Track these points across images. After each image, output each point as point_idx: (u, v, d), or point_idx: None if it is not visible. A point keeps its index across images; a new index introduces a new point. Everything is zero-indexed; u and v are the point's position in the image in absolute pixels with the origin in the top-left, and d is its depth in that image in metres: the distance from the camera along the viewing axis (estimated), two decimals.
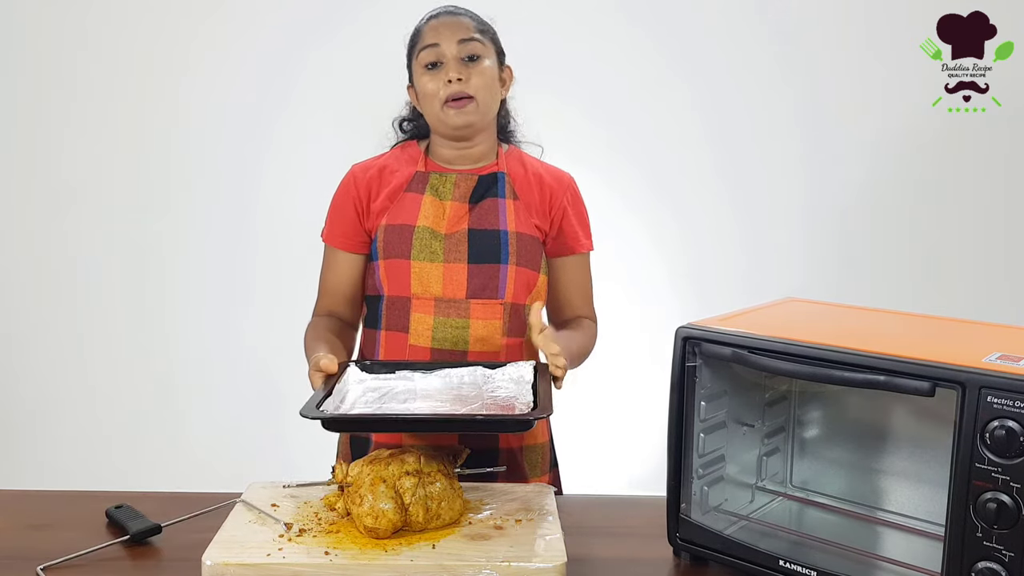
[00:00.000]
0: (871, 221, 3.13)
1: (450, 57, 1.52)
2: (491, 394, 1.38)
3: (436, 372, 1.44)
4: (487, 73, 1.54)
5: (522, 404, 1.32)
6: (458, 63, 1.52)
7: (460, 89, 1.51)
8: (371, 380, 1.43)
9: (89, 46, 3.01)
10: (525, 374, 1.42)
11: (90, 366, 3.17)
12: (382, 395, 1.38)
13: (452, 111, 1.52)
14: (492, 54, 1.56)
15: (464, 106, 1.52)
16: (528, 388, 1.37)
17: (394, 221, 1.56)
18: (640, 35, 3.04)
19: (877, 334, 1.19)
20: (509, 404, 1.34)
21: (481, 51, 1.53)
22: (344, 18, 2.99)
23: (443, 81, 1.51)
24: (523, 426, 1.27)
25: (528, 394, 1.34)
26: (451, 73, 1.51)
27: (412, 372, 1.44)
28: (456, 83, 1.50)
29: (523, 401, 1.33)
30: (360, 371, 1.43)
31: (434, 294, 1.53)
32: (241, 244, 3.11)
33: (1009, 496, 0.96)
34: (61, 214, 3.10)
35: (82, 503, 1.39)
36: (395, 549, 1.16)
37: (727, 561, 1.20)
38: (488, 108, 1.56)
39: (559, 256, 1.63)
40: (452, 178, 1.58)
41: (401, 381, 1.43)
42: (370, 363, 1.47)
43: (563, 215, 1.61)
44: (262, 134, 3.06)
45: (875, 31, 3.03)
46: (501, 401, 1.35)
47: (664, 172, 3.11)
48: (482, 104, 1.53)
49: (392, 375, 1.44)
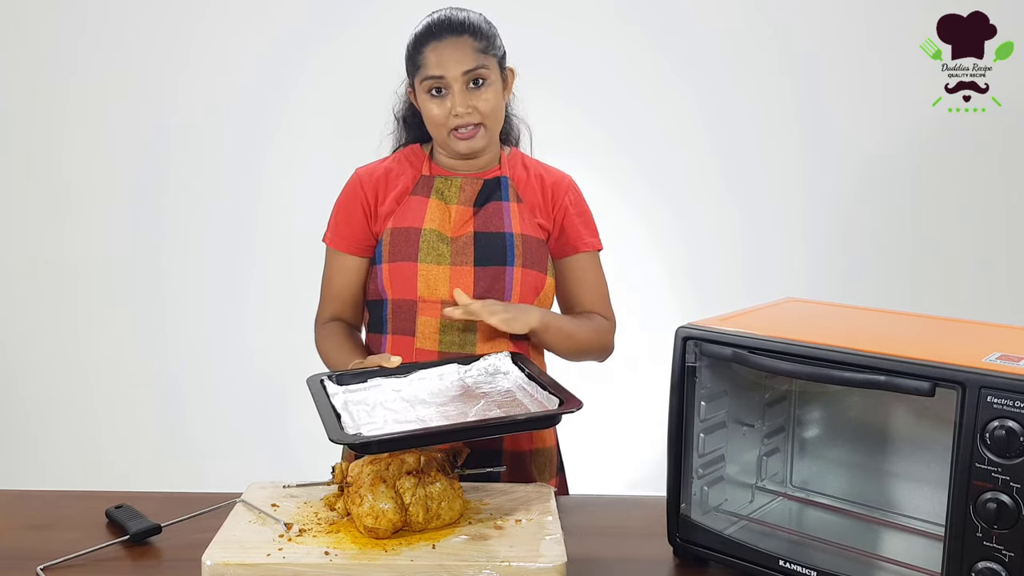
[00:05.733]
0: (871, 221, 3.13)
1: (456, 90, 1.49)
2: (479, 390, 1.38)
3: (409, 376, 1.40)
4: (493, 97, 1.51)
5: (528, 397, 1.32)
6: (464, 93, 1.49)
7: (467, 121, 1.50)
8: (344, 393, 1.35)
9: (88, 47, 3.01)
10: (501, 365, 1.42)
11: (90, 366, 3.17)
12: (372, 407, 1.32)
13: (460, 140, 1.52)
14: (496, 70, 1.53)
15: (472, 135, 1.51)
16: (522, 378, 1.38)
17: (400, 224, 1.55)
18: (641, 35, 3.04)
19: (877, 334, 1.19)
20: (513, 399, 1.34)
21: (486, 74, 1.50)
22: (344, 19, 2.98)
23: (450, 112, 1.50)
24: (553, 422, 1.28)
25: (533, 387, 1.34)
26: (458, 108, 1.49)
27: (384, 379, 1.39)
28: (464, 117, 1.49)
29: (529, 393, 1.33)
30: (334, 384, 1.37)
31: (441, 297, 1.52)
32: (241, 245, 3.11)
33: (1009, 496, 0.96)
34: (61, 214, 3.10)
35: (82, 503, 1.39)
36: (395, 549, 1.16)
37: (727, 561, 1.20)
38: (495, 128, 1.56)
39: (565, 256, 1.63)
40: (457, 182, 1.57)
41: (379, 391, 1.37)
42: (339, 374, 1.39)
43: (565, 215, 1.61)
44: (262, 135, 3.06)
45: (875, 31, 3.03)
46: (502, 396, 1.35)
47: (664, 172, 3.11)
48: (490, 128, 1.53)
49: (365, 384, 1.38)
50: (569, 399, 1.25)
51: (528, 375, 1.38)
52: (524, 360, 1.44)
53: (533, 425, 1.35)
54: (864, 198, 3.11)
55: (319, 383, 1.35)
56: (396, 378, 1.40)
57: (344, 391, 1.35)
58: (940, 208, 3.11)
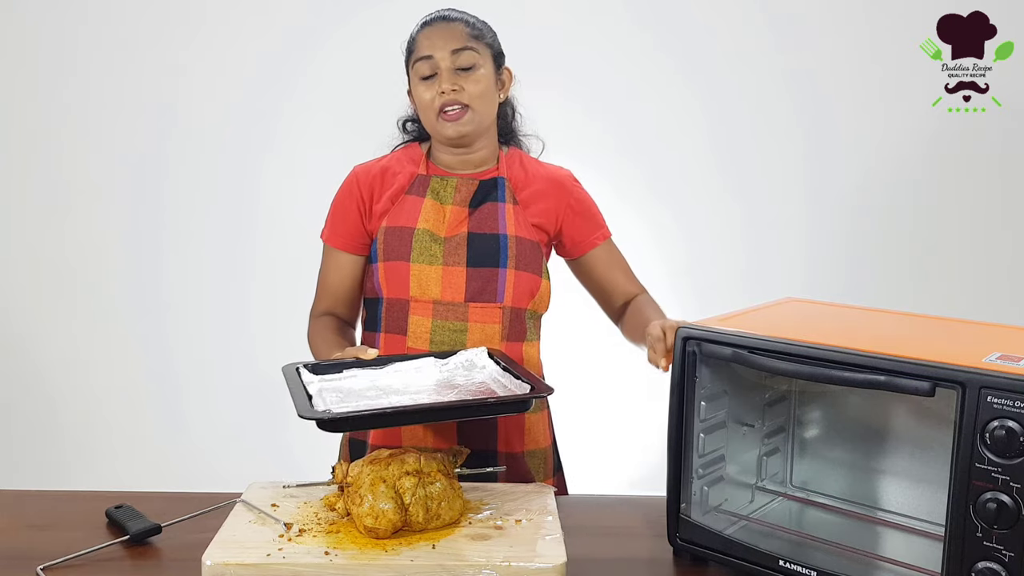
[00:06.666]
0: (871, 221, 3.13)
1: (444, 68, 1.51)
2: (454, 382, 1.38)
3: (386, 368, 1.41)
4: (482, 81, 1.53)
5: (502, 387, 1.32)
6: (452, 74, 1.51)
7: (454, 99, 1.51)
8: (320, 381, 1.35)
9: (87, 47, 3.01)
10: (477, 360, 1.43)
11: (90, 366, 3.16)
12: (346, 395, 1.31)
13: (447, 123, 1.52)
14: (488, 60, 1.55)
15: (459, 117, 1.52)
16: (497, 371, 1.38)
17: (394, 223, 1.56)
18: (641, 34, 3.03)
19: (877, 334, 1.19)
20: (487, 389, 1.34)
21: (475, 59, 1.52)
22: (343, 20, 2.98)
23: (437, 92, 1.51)
24: (524, 406, 1.29)
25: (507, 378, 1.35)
26: (444, 85, 1.50)
27: (360, 371, 1.39)
28: (450, 94, 1.50)
29: (503, 384, 1.33)
30: (309, 372, 1.37)
31: (432, 297, 1.53)
32: (242, 244, 3.11)
33: (1009, 496, 0.96)
34: (60, 214, 3.10)
35: (82, 503, 1.39)
36: (395, 549, 1.16)
37: (727, 561, 1.20)
38: (484, 116, 1.56)
39: (583, 254, 1.64)
40: (453, 182, 1.58)
41: (354, 380, 1.37)
42: (315, 364, 1.40)
43: (569, 214, 1.62)
44: (262, 134, 3.05)
45: (875, 31, 3.03)
46: (476, 387, 1.35)
47: (664, 172, 3.11)
48: (478, 113, 1.53)
49: (340, 375, 1.38)
50: (539, 386, 1.28)
51: (504, 368, 1.38)
52: (501, 355, 1.45)
53: (503, 409, 1.33)
54: (864, 198, 3.11)
55: (294, 370, 1.36)
56: (372, 369, 1.40)
57: (319, 380, 1.35)
58: (940, 208, 3.11)
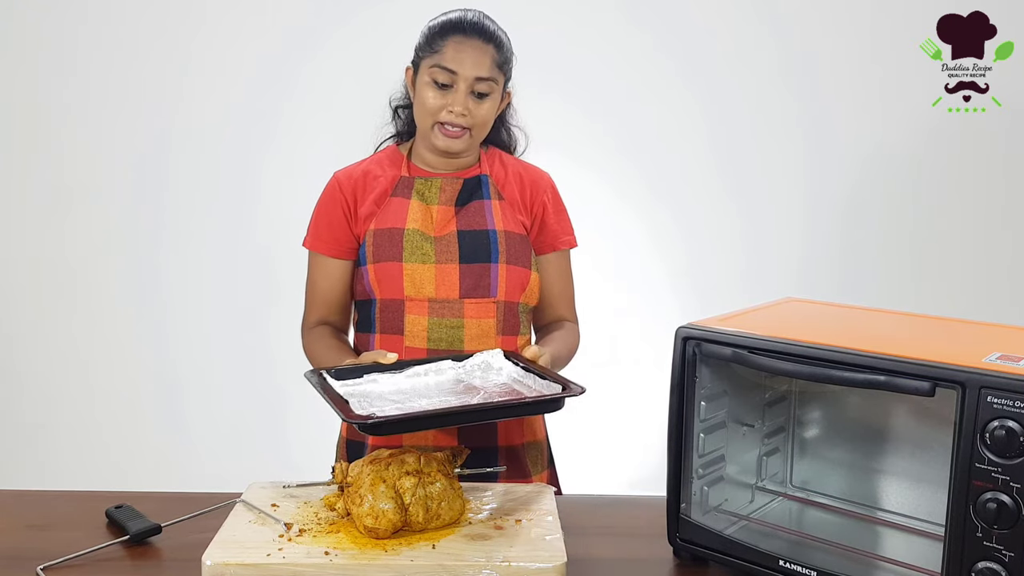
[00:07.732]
0: (871, 221, 3.13)
1: (462, 90, 1.51)
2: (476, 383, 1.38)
3: (405, 372, 1.41)
4: (489, 112, 1.55)
5: (526, 388, 1.33)
6: (467, 96, 1.51)
7: (459, 122, 1.52)
8: (343, 387, 1.34)
9: (87, 47, 3.01)
10: (494, 362, 1.43)
11: (90, 366, 3.17)
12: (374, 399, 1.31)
13: (444, 137, 1.53)
14: (500, 88, 1.56)
15: (458, 136, 1.53)
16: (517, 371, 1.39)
17: (382, 225, 1.56)
18: (641, 35, 3.04)
19: (877, 334, 1.19)
20: (511, 390, 1.34)
21: (492, 88, 1.53)
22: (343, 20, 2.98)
23: (446, 106, 1.51)
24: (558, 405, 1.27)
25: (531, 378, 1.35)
26: (457, 107, 1.51)
27: (380, 375, 1.39)
28: (459, 116, 1.51)
29: (527, 384, 1.34)
30: (333, 378, 1.36)
31: (427, 295, 1.53)
32: (241, 244, 3.11)
33: (1009, 496, 0.96)
34: (60, 215, 3.10)
35: (82, 503, 1.39)
36: (395, 549, 1.16)
37: (727, 561, 1.19)
38: (480, 137, 1.58)
39: (543, 253, 1.65)
40: (437, 183, 1.59)
41: (377, 385, 1.37)
42: (336, 369, 1.39)
43: (543, 211, 1.64)
44: (262, 135, 3.06)
45: (875, 31, 3.03)
46: (499, 388, 1.36)
47: (665, 172, 3.11)
48: (476, 136, 1.56)
49: (361, 379, 1.38)
50: (569, 385, 1.28)
51: (524, 368, 1.39)
52: (516, 356, 1.45)
53: (540, 408, 1.37)
54: (864, 198, 3.11)
55: (319, 375, 1.36)
56: (392, 374, 1.40)
57: (341, 385, 1.35)
58: (940, 208, 3.11)
